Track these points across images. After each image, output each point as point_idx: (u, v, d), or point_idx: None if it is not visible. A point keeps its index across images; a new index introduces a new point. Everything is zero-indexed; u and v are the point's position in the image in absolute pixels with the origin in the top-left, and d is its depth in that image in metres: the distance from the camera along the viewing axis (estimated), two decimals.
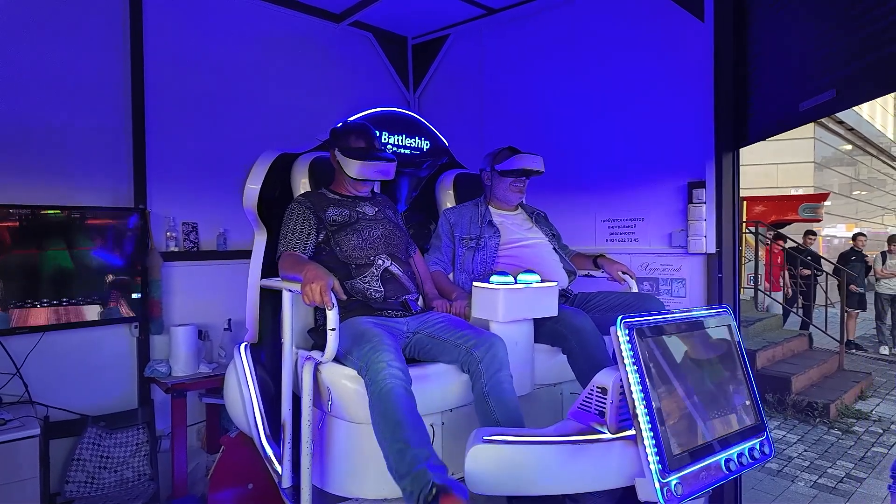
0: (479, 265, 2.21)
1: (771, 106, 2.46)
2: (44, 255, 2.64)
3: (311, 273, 1.56)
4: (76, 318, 2.72)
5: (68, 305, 2.69)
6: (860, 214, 13.69)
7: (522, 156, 2.28)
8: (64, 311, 2.68)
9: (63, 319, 2.68)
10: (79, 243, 2.73)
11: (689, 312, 1.42)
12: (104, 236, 2.81)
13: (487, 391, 1.66)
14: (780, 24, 2.41)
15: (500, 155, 2.34)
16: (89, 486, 2.60)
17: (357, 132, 2.02)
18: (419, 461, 1.35)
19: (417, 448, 1.38)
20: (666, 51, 2.90)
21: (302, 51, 3.63)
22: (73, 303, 2.70)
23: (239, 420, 2.10)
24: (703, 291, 2.79)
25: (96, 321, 2.78)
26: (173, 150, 3.09)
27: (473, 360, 1.69)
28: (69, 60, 2.78)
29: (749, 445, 1.37)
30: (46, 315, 2.63)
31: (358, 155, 1.95)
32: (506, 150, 2.36)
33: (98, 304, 2.78)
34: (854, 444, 4.38)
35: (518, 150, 2.33)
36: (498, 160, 2.33)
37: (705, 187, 2.72)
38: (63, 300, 2.68)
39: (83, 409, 2.74)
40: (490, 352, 1.69)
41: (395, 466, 1.39)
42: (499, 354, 1.69)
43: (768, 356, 5.56)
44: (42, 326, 2.62)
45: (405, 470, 1.36)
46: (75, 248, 2.72)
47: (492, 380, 1.66)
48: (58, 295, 2.66)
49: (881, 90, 1.96)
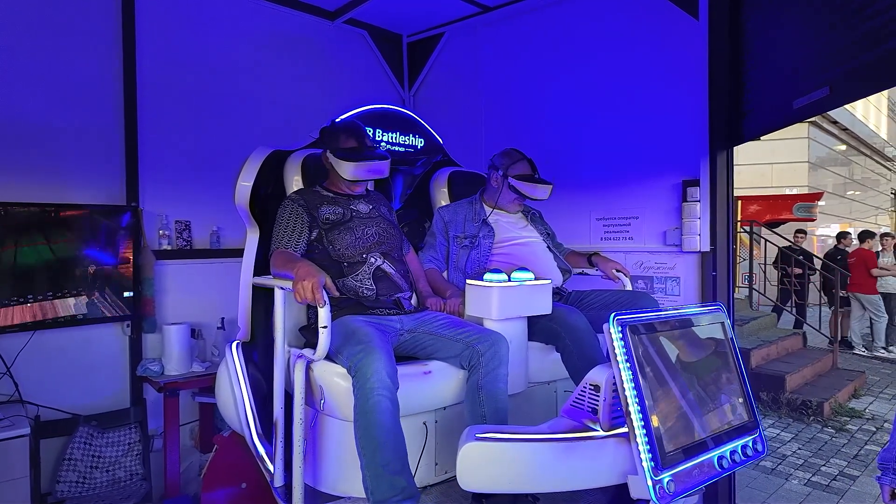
0: (474, 264, 2.20)
1: (765, 104, 2.46)
2: (31, 251, 2.61)
3: (302, 270, 1.55)
4: (67, 316, 2.69)
5: (55, 300, 2.66)
6: (854, 214, 13.76)
7: (537, 187, 2.25)
8: (51, 308, 2.65)
9: (52, 317, 2.66)
10: (70, 241, 2.70)
11: (683, 310, 1.41)
12: (96, 234, 2.79)
13: (482, 384, 1.68)
14: (775, 23, 2.41)
15: (517, 167, 2.27)
16: (81, 486, 2.58)
17: (346, 131, 1.99)
18: (394, 493, 1.45)
19: (393, 476, 1.47)
20: (661, 49, 2.90)
21: (296, 48, 3.62)
22: (61, 298, 2.68)
23: (231, 419, 2.08)
24: (698, 289, 2.79)
25: (88, 320, 2.76)
26: (166, 147, 3.07)
27: (476, 353, 1.71)
28: (61, 58, 2.76)
29: (742, 443, 1.37)
30: (34, 313, 2.61)
31: (350, 156, 1.93)
32: (524, 161, 2.29)
33: (89, 302, 2.76)
34: (847, 442, 4.39)
35: (535, 169, 2.29)
36: (513, 171, 2.27)
37: (699, 186, 2.72)
38: (50, 295, 2.65)
39: (75, 408, 2.72)
40: (493, 347, 1.71)
41: (371, 487, 1.49)
42: (500, 351, 1.72)
43: (763, 355, 5.57)
44: (32, 324, 2.60)
45: (380, 497, 1.47)
46: (66, 246, 2.69)
47: (490, 374, 1.69)
48: (45, 292, 2.64)
49: (873, 88, 1.97)
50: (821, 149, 11.74)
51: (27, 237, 2.60)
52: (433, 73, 4.04)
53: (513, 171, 2.27)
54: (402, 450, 1.52)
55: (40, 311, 2.62)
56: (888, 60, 1.77)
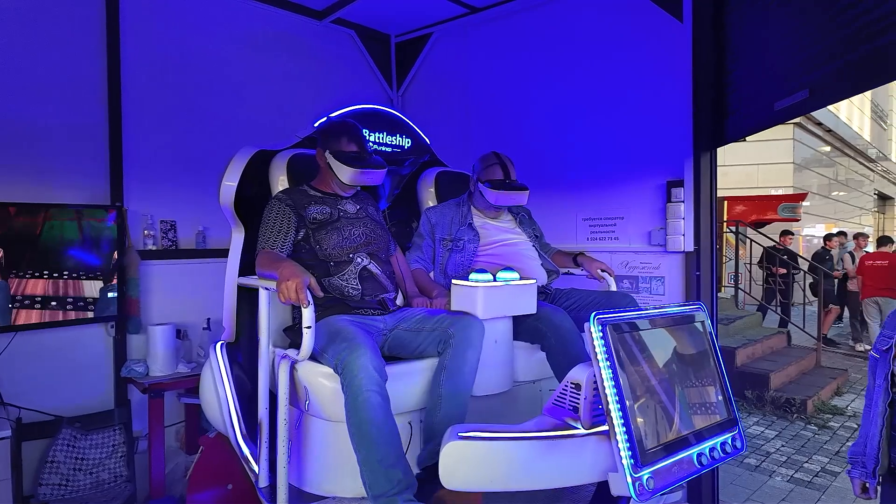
0: (457, 267, 2.21)
1: (748, 106, 2.50)
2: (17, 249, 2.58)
3: (287, 271, 1.55)
4: (50, 317, 2.66)
5: (43, 309, 2.64)
6: (838, 214, 13.95)
7: (503, 194, 2.18)
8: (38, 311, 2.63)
9: (36, 319, 2.63)
10: (55, 240, 2.68)
11: (664, 309, 1.43)
12: (80, 234, 2.76)
13: (447, 364, 1.68)
14: (757, 26, 2.44)
15: (488, 172, 2.23)
16: (63, 489, 2.55)
17: (349, 134, 1.98)
18: (391, 486, 1.46)
19: (389, 469, 1.48)
20: (646, 51, 2.93)
21: (283, 48, 3.60)
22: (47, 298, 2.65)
23: (215, 420, 2.08)
24: (682, 289, 2.83)
25: (71, 320, 2.73)
26: (152, 147, 3.05)
27: (448, 336, 1.71)
28: (44, 55, 2.72)
29: (721, 440, 1.39)
30: (15, 313, 2.57)
31: (351, 161, 1.92)
32: (496, 166, 2.23)
33: (72, 302, 2.73)
34: (830, 438, 4.46)
35: (507, 177, 2.21)
36: (484, 177, 2.23)
37: (684, 186, 2.76)
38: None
39: (57, 410, 2.69)
40: (465, 331, 1.70)
41: (368, 482, 1.50)
42: (471, 334, 1.71)
43: (748, 354, 5.64)
44: (14, 326, 2.57)
45: (378, 492, 1.48)
46: (50, 245, 2.66)
47: (457, 357, 1.68)
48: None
49: (852, 90, 2.00)
50: (806, 150, 11.90)
51: (23, 237, 2.58)
52: (421, 73, 4.04)
53: (484, 177, 2.25)
54: (396, 442, 1.53)
55: (26, 315, 2.59)
56: (866, 63, 1.80)
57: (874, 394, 1.69)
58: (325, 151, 1.97)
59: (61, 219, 2.69)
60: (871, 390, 1.73)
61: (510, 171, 2.25)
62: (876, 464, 1.65)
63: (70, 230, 2.72)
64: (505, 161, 2.26)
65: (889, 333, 1.68)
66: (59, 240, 2.69)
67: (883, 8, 1.71)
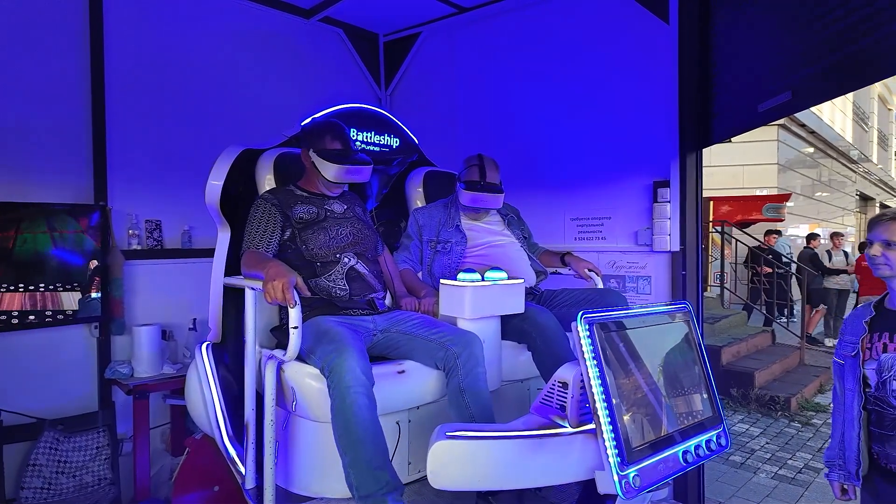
0: (444, 268, 2.21)
1: (732, 107, 2.53)
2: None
3: (273, 270, 1.54)
4: (32, 317, 2.62)
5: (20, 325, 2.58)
6: (822, 215, 14.15)
7: (476, 195, 2.18)
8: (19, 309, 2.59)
9: (17, 319, 2.58)
10: (36, 242, 2.63)
11: (650, 308, 1.44)
12: (63, 234, 2.71)
13: (464, 387, 1.70)
14: (742, 28, 2.47)
15: (468, 172, 2.23)
16: (46, 492, 2.51)
17: (332, 132, 1.97)
18: (379, 487, 1.47)
19: (376, 471, 1.49)
20: (632, 52, 2.95)
21: (270, 46, 3.57)
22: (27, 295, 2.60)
23: (201, 421, 2.05)
24: (668, 288, 2.85)
25: (53, 321, 2.68)
26: (136, 145, 3.01)
27: (451, 355, 1.72)
28: (26, 53, 2.68)
29: (706, 437, 1.40)
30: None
31: (336, 158, 1.92)
32: (474, 167, 2.22)
33: (51, 315, 2.68)
34: (813, 436, 4.53)
35: (483, 179, 2.20)
36: (464, 178, 2.24)
37: (670, 187, 2.78)
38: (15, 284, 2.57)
39: (39, 412, 2.64)
40: (468, 349, 1.72)
41: (356, 483, 1.50)
42: (476, 351, 1.73)
43: (733, 352, 5.71)
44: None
45: (366, 492, 1.48)
46: (25, 259, 2.60)
47: (469, 375, 1.70)
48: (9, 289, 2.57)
49: (834, 92, 2.04)
50: (789, 151, 12.05)
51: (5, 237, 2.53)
52: (410, 72, 4.04)
53: (463, 178, 2.25)
54: (382, 445, 1.53)
55: (6, 315, 2.55)
56: (847, 65, 1.83)
57: (846, 398, 1.68)
58: (310, 150, 1.96)
59: (34, 232, 2.62)
60: (839, 395, 1.73)
61: (487, 172, 2.22)
62: (858, 466, 1.66)
63: (43, 242, 2.66)
64: (486, 163, 2.24)
65: (852, 339, 1.68)
66: (33, 253, 2.63)
67: (864, 11, 1.74)
